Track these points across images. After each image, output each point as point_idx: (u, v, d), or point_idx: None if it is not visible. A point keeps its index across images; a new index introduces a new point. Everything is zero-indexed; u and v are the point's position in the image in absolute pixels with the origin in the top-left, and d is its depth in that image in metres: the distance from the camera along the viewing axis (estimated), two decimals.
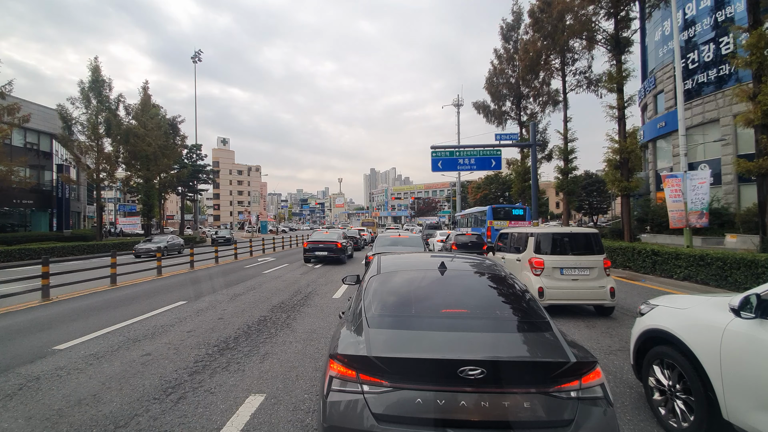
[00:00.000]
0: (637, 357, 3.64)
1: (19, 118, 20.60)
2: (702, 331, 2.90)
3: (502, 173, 52.34)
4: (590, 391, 2.03)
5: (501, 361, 2.07)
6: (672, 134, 22.23)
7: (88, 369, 4.55)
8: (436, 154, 20.30)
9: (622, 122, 17.00)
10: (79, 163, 27.23)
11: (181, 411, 3.50)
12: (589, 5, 17.29)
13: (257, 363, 4.72)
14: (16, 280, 9.05)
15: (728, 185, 19.47)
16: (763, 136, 11.08)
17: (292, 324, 6.62)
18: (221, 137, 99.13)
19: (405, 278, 3.19)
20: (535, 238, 7.49)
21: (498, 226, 19.70)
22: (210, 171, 49.87)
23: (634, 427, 3.23)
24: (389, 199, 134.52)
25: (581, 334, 6.01)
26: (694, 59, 21.23)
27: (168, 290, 10.12)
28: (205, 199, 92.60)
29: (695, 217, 12.39)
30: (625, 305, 8.00)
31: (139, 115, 29.57)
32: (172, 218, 70.41)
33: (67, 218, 31.99)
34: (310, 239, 17.68)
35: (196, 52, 45.08)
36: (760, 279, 8.31)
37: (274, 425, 3.24)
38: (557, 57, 23.10)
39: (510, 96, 27.74)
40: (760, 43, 10.85)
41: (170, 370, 4.50)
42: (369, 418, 1.96)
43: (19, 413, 3.47)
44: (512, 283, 3.04)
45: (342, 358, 2.14)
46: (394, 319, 2.54)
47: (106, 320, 6.90)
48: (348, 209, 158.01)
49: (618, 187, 16.80)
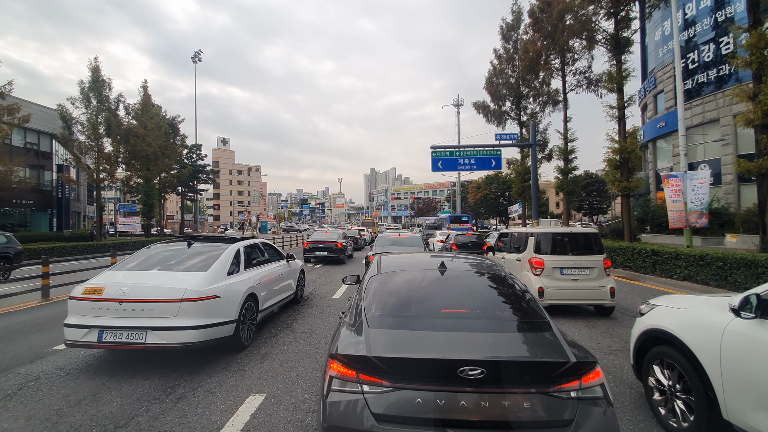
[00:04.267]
0: (637, 357, 3.64)
1: (19, 118, 20.60)
2: (702, 331, 2.90)
3: (502, 173, 52.37)
4: (590, 391, 2.03)
5: (501, 361, 2.07)
6: (672, 134, 22.24)
7: (89, 369, 4.55)
8: (436, 154, 20.30)
9: (622, 122, 17.00)
10: (79, 163, 27.23)
11: (181, 411, 3.50)
12: (589, 5, 17.28)
13: (257, 363, 4.72)
14: (16, 280, 9.05)
15: (728, 185, 19.47)
16: (763, 136, 11.08)
17: (292, 324, 6.62)
18: (221, 137, 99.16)
19: (405, 278, 3.19)
20: (535, 238, 7.49)
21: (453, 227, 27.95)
22: (210, 171, 49.91)
23: (634, 427, 3.23)
24: (389, 199, 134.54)
25: (581, 334, 6.01)
26: (694, 59, 21.24)
27: None
28: (205, 199, 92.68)
29: (695, 217, 12.39)
30: (625, 305, 8.00)
31: (139, 115, 29.58)
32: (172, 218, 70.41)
33: (67, 218, 32.00)
34: (310, 239, 17.67)
35: (196, 52, 45.16)
36: (760, 279, 8.31)
37: (274, 425, 3.24)
38: (557, 57, 23.08)
39: (510, 96, 27.73)
40: (760, 43, 10.85)
41: (170, 369, 4.50)
42: (369, 418, 1.96)
43: (19, 413, 3.47)
44: (512, 283, 3.05)
45: (342, 358, 2.15)
46: (394, 319, 2.55)
47: None
48: (348, 209, 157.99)
49: (618, 187, 16.80)
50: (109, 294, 4.45)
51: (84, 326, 4.38)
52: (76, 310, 4.53)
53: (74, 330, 4.41)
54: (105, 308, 4.42)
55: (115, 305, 4.40)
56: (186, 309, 4.42)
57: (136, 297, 4.40)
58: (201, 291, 4.58)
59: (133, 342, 4.29)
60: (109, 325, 4.35)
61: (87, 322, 4.40)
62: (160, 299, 4.41)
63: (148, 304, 4.38)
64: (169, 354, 4.95)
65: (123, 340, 4.31)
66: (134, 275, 4.87)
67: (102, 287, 4.54)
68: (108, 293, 4.46)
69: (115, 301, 4.41)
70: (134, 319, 4.35)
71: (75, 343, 4.41)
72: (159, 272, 4.98)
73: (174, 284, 4.59)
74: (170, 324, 4.35)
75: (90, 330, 4.36)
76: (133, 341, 4.30)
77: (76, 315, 4.52)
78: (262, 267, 6.49)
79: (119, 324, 4.34)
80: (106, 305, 4.42)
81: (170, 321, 4.36)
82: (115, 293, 4.44)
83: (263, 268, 6.46)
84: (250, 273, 5.85)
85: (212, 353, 5.06)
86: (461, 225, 29.02)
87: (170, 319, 4.37)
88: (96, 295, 4.47)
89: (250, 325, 5.52)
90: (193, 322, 4.43)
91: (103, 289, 4.51)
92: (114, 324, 4.35)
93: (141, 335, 4.29)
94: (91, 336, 4.34)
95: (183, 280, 4.68)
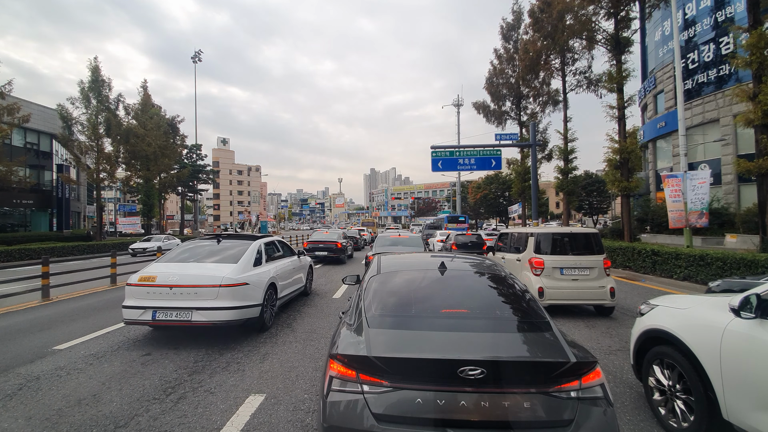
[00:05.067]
0: (637, 357, 3.64)
1: (19, 118, 20.62)
2: (702, 331, 2.90)
3: (502, 173, 52.32)
4: (590, 391, 2.03)
5: (501, 361, 2.07)
6: (672, 134, 22.24)
7: (88, 369, 4.55)
8: (436, 154, 20.31)
9: (622, 122, 17.00)
10: (79, 163, 27.25)
11: (181, 411, 3.50)
12: (589, 5, 17.28)
13: (257, 363, 4.72)
14: (16, 280, 9.04)
15: (728, 185, 19.47)
16: (763, 136, 11.09)
17: (292, 324, 6.62)
18: (221, 137, 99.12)
19: (405, 278, 3.19)
20: (535, 238, 7.49)
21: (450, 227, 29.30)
22: (210, 171, 49.87)
23: (634, 427, 3.23)
24: (389, 199, 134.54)
25: (581, 334, 6.01)
26: (694, 59, 21.23)
27: None
28: (205, 199, 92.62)
29: (695, 217, 12.39)
30: (625, 305, 8.00)
31: (139, 115, 29.61)
32: (172, 218, 70.42)
33: (67, 218, 32.01)
34: (310, 239, 17.68)
35: (196, 53, 45.13)
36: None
37: (274, 425, 3.24)
38: (557, 57, 23.08)
39: (510, 96, 27.74)
40: (760, 43, 10.85)
41: (170, 369, 4.50)
42: (369, 418, 1.96)
43: (19, 413, 3.47)
44: (512, 283, 3.04)
45: (342, 358, 2.14)
46: (394, 319, 2.54)
47: (106, 320, 6.90)
48: (348, 209, 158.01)
49: (618, 187, 16.80)
50: (161, 281, 5.35)
51: (140, 307, 5.29)
52: (132, 294, 5.41)
53: (132, 310, 5.31)
54: (158, 292, 5.32)
55: (166, 290, 5.31)
56: (223, 293, 5.33)
57: (183, 283, 5.31)
58: (234, 278, 5.49)
59: (181, 320, 5.21)
60: (161, 306, 5.26)
61: (143, 304, 5.31)
62: (203, 285, 5.30)
63: (194, 289, 5.28)
64: (169, 354, 5.04)
65: (173, 318, 5.22)
66: (179, 266, 5.76)
67: (155, 275, 5.44)
68: (160, 280, 5.36)
69: (166, 287, 5.31)
70: (182, 301, 5.26)
71: (133, 321, 5.34)
72: (199, 263, 5.91)
73: (213, 273, 5.49)
74: (211, 305, 5.26)
75: (145, 310, 5.28)
76: (181, 319, 5.22)
77: (132, 298, 5.40)
78: (279, 261, 7.37)
79: (170, 305, 5.26)
80: (158, 290, 5.33)
81: (211, 303, 5.27)
82: (165, 280, 5.34)
83: (280, 262, 7.34)
84: (270, 266, 6.76)
85: (212, 352, 5.08)
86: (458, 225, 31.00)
87: (211, 301, 5.28)
88: (150, 282, 5.38)
89: (271, 310, 6.40)
90: (228, 304, 5.32)
91: (156, 277, 5.40)
92: (165, 305, 5.26)
93: (188, 314, 5.20)
94: (147, 315, 5.27)
95: (219, 270, 5.57)
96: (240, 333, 6.04)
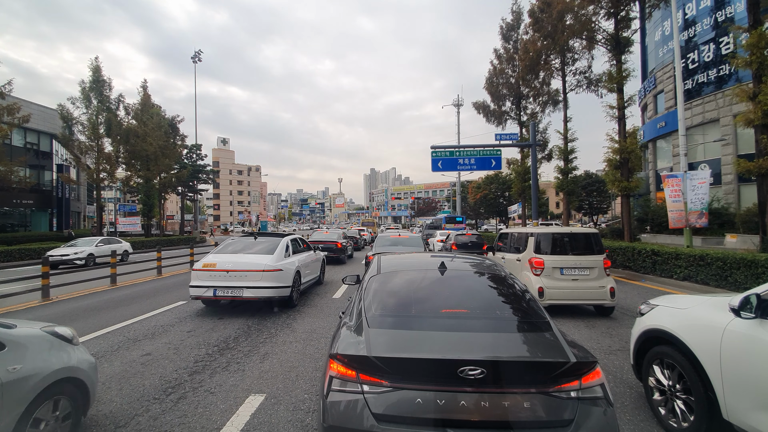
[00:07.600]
0: (637, 357, 3.64)
1: (19, 118, 20.59)
2: (702, 331, 2.90)
3: (502, 173, 52.25)
4: (590, 391, 2.03)
5: (501, 361, 2.07)
6: (672, 134, 22.24)
7: None
8: (436, 154, 20.29)
9: (622, 122, 16.98)
10: (79, 163, 27.23)
11: (181, 411, 3.50)
12: (589, 5, 17.26)
13: (257, 363, 4.72)
14: (16, 280, 9.05)
15: (728, 185, 19.47)
16: (763, 136, 11.08)
17: (292, 324, 6.62)
18: (221, 137, 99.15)
19: (405, 278, 3.19)
20: (535, 238, 7.49)
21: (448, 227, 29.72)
22: (210, 171, 49.86)
23: (634, 427, 3.23)
24: (389, 199, 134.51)
25: (581, 334, 6.01)
26: (694, 59, 21.23)
27: (168, 290, 10.12)
28: (205, 199, 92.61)
29: (695, 217, 12.39)
30: (625, 305, 8.00)
31: (139, 115, 29.56)
32: (172, 218, 70.39)
33: (67, 218, 32.01)
34: (311, 239, 17.68)
35: (196, 52, 45.13)
36: (760, 279, 8.31)
37: (274, 425, 3.24)
38: (557, 57, 23.05)
39: (510, 96, 27.69)
40: (760, 43, 10.85)
41: (170, 370, 4.50)
42: (369, 418, 1.96)
43: None
44: (512, 283, 3.04)
45: (342, 358, 2.14)
46: (394, 319, 2.54)
47: (106, 320, 6.90)
48: (348, 209, 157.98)
49: (618, 187, 16.78)
50: (220, 266, 7.16)
51: (204, 286, 7.10)
52: (198, 277, 7.21)
53: (198, 289, 7.12)
54: (217, 275, 7.12)
55: (223, 273, 7.12)
56: (266, 276, 7.13)
57: (236, 268, 7.12)
58: (273, 265, 7.32)
59: (235, 296, 7.04)
60: (220, 285, 7.08)
61: (206, 284, 7.12)
62: (252, 269, 7.12)
63: (244, 273, 7.09)
64: (169, 354, 5.04)
65: (229, 295, 7.05)
66: (230, 256, 7.58)
67: (215, 262, 7.22)
68: (219, 266, 7.17)
69: (223, 271, 7.12)
70: (235, 281, 7.09)
71: (199, 296, 7.15)
72: (244, 254, 7.69)
73: (257, 261, 7.31)
74: (257, 285, 7.08)
75: (208, 288, 7.07)
76: (235, 295, 7.04)
77: (198, 279, 7.19)
78: (301, 254, 9.05)
79: (226, 285, 7.08)
80: (218, 273, 7.13)
81: (257, 283, 7.08)
82: (223, 266, 7.15)
83: (301, 255, 9.03)
84: (295, 257, 8.46)
85: (212, 352, 5.08)
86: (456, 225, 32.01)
87: (257, 281, 7.09)
88: (212, 268, 7.18)
89: (297, 291, 8.03)
90: (269, 284, 7.14)
91: (216, 264, 7.21)
92: (223, 285, 7.08)
93: (240, 291, 7.04)
94: (209, 292, 7.06)
95: (261, 259, 7.40)
96: (240, 333, 6.05)
